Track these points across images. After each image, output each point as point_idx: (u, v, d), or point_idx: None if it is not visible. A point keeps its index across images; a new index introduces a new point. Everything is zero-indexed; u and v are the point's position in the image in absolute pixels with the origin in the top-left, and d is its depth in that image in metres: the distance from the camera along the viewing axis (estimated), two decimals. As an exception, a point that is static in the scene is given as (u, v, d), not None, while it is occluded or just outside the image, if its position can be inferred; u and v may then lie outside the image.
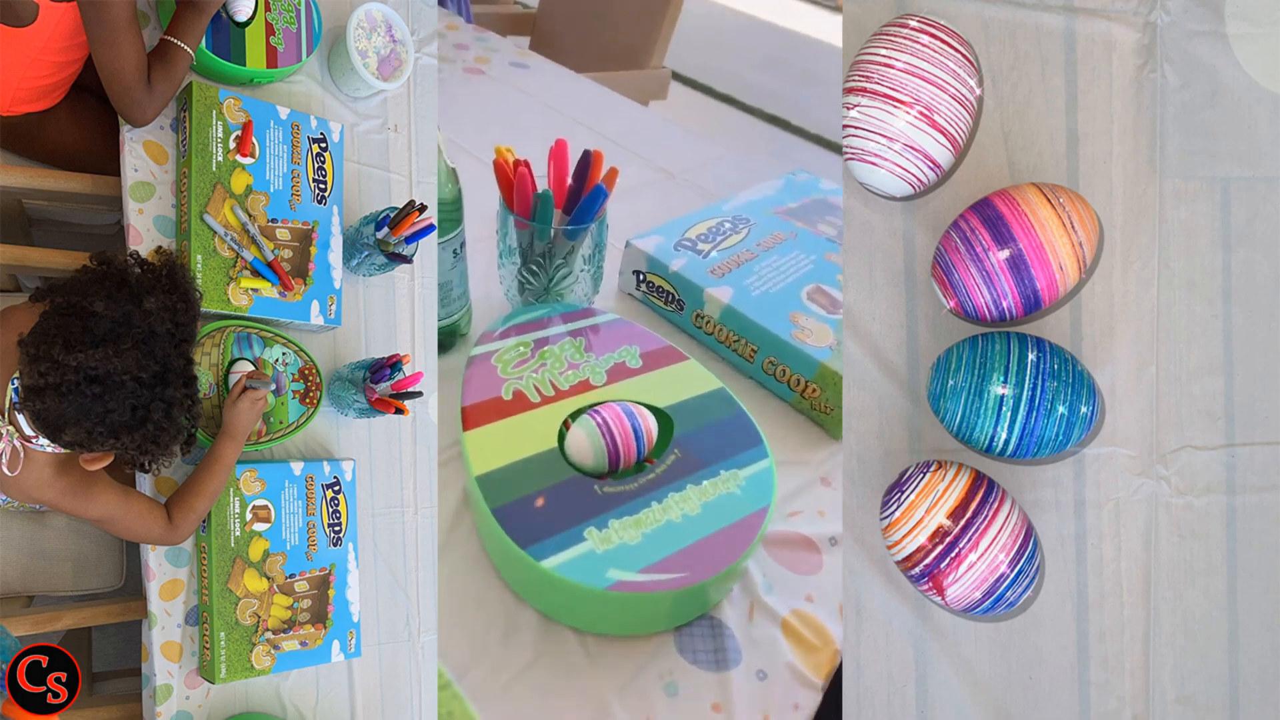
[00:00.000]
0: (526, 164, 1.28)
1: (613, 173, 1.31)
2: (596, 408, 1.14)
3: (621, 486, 1.06)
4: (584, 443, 1.10)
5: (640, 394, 1.20)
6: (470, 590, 1.05)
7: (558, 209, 1.30)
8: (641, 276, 1.47)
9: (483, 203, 1.44)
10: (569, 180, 1.32)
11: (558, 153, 1.32)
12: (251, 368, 1.04)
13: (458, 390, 1.16)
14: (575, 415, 1.14)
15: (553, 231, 1.29)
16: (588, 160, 1.31)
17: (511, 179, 1.28)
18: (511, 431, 1.11)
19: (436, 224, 1.13)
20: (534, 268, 1.32)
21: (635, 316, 1.44)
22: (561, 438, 1.12)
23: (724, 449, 1.13)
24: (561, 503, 1.04)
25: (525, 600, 1.04)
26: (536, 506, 1.03)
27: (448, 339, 1.32)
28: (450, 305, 1.28)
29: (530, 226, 1.29)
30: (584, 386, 1.19)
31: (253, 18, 1.06)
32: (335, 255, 1.10)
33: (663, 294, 1.45)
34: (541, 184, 1.29)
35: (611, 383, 1.21)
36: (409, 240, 1.07)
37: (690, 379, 1.24)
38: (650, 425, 1.13)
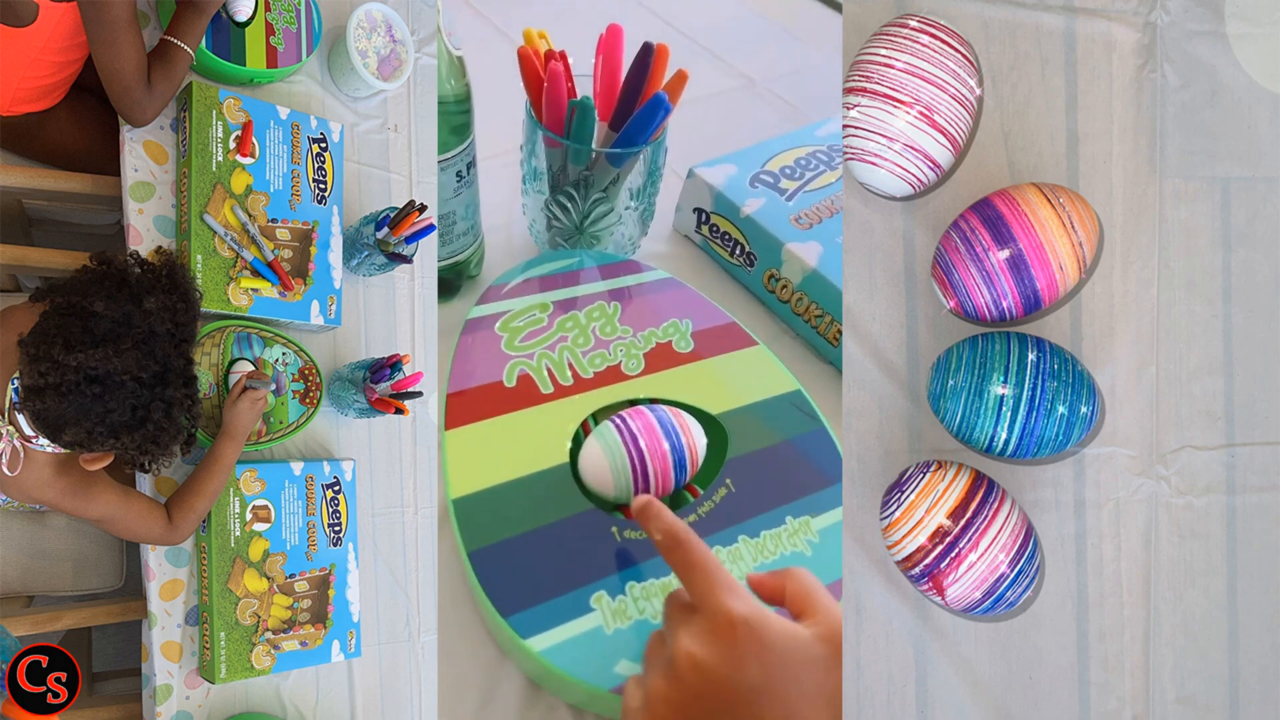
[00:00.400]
0: (563, 57, 0.97)
1: (680, 77, 0.98)
2: (624, 413, 0.87)
3: None
4: (601, 461, 0.83)
5: (687, 391, 0.92)
6: (450, 626, 0.83)
7: (601, 122, 0.98)
8: (704, 217, 1.14)
9: (510, 103, 1.06)
10: (620, 83, 0.99)
11: (609, 43, 0.99)
12: (251, 368, 1.04)
13: (450, 356, 0.91)
14: (598, 416, 0.89)
15: (593, 154, 0.97)
16: (648, 57, 0.97)
17: (541, 77, 0.95)
18: (509, 434, 0.85)
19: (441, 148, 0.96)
20: (565, 200, 1.01)
21: (690, 267, 1.13)
22: (577, 447, 0.87)
23: (795, 483, 0.86)
24: (565, 549, 0.78)
25: (510, 659, 0.80)
26: (530, 553, 0.77)
27: (454, 280, 1.05)
28: (453, 244, 1.00)
29: (563, 145, 0.97)
30: (613, 375, 0.92)
31: (253, 18, 1.06)
32: (335, 255, 1.10)
33: (729, 243, 1.12)
34: (583, 87, 0.98)
35: (651, 371, 0.94)
36: (409, 240, 1.07)
37: (757, 374, 0.95)
38: (695, 442, 0.86)
